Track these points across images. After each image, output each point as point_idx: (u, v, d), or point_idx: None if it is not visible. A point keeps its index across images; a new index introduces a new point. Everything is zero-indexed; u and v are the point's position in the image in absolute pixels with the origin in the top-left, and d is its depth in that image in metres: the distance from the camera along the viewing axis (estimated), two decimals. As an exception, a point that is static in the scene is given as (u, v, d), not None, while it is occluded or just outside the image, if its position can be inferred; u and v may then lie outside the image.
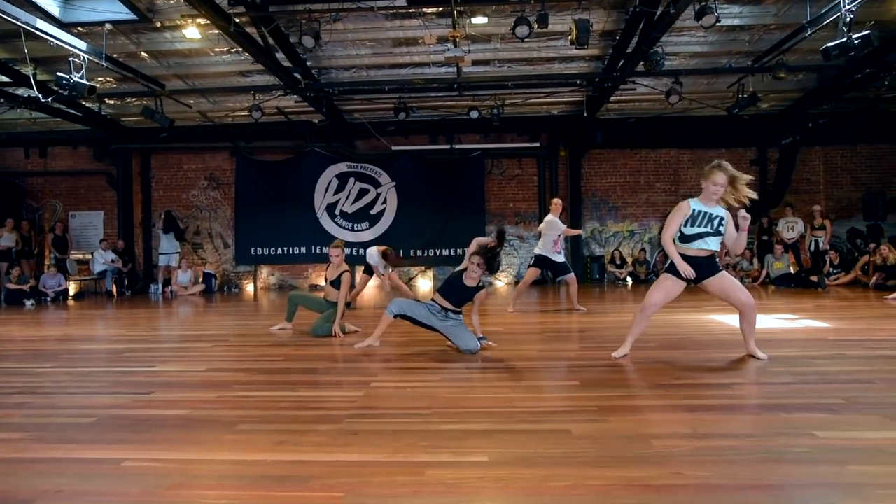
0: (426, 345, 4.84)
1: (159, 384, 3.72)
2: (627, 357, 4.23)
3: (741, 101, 9.59)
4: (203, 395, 3.42)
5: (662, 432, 2.58)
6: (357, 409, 3.06)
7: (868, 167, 13.05)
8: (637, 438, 2.49)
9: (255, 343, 5.39)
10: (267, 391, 3.52)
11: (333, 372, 4.03)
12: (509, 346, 4.87)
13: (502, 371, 3.94)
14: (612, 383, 3.52)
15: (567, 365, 4.11)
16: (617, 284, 12.24)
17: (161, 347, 5.24)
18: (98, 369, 4.25)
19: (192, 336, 5.98)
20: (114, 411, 3.10)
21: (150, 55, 9.33)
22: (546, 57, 9.72)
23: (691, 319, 6.25)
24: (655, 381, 3.51)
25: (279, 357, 4.63)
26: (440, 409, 3.01)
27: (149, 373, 4.10)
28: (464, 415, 2.92)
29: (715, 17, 6.27)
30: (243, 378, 3.87)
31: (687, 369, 3.86)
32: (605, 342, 4.87)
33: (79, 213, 13.23)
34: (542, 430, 2.65)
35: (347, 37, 8.95)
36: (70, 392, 3.57)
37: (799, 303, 7.99)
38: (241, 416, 2.96)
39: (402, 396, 3.32)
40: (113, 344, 5.56)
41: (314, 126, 12.56)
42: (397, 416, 2.93)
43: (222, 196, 13.33)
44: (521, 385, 3.57)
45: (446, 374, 3.94)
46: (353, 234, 12.69)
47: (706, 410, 2.90)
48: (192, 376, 3.97)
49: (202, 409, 3.11)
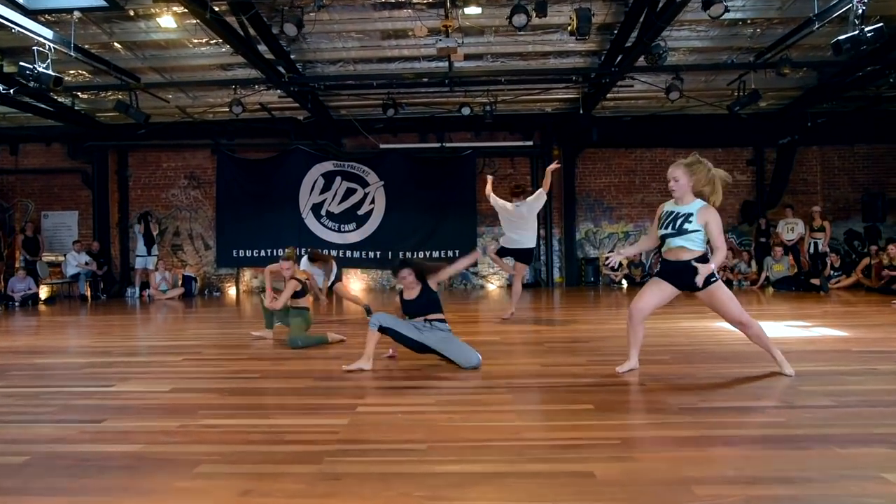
0: (417, 358, 4.41)
1: (114, 409, 3.25)
2: (636, 372, 3.85)
3: (742, 99, 9.26)
4: (162, 423, 2.96)
5: (704, 475, 2.17)
6: (340, 442, 2.62)
7: (865, 167, 12.83)
8: (676, 485, 2.08)
9: (230, 356, 4.93)
10: (237, 418, 3.07)
11: (314, 393, 3.58)
12: (507, 360, 4.46)
13: (504, 391, 3.52)
14: (630, 407, 3.12)
15: (575, 383, 3.70)
16: (612, 287, 11.89)
17: (126, 361, 4.74)
18: (48, 389, 3.77)
19: (163, 348, 5.49)
20: (53, 447, 2.63)
21: (123, 46, 8.81)
22: (541, 51, 9.33)
23: (699, 327, 5.87)
24: (679, 404, 3.11)
25: (255, 374, 4.17)
26: (437, 443, 2.58)
27: (105, 394, 3.63)
28: (465, 451, 2.49)
29: (724, 7, 5.90)
30: (212, 401, 3.41)
31: (709, 388, 3.47)
32: (611, 355, 4.47)
33: (52, 213, 12.62)
34: (559, 472, 2.23)
35: (333, 28, 8.49)
36: (6, 420, 3.09)
37: (804, 308, 7.67)
38: (203, 454, 2.50)
39: (392, 425, 2.88)
40: (73, 357, 5.07)
41: (299, 123, 12.08)
42: (387, 452, 2.50)
43: (203, 195, 12.80)
44: (528, 410, 3.16)
45: (442, 394, 3.52)
46: (339, 235, 12.22)
47: (747, 444, 2.51)
48: (153, 399, 3.50)
49: (158, 444, 2.65)
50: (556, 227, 12.72)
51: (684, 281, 3.63)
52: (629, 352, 3.93)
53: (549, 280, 12.57)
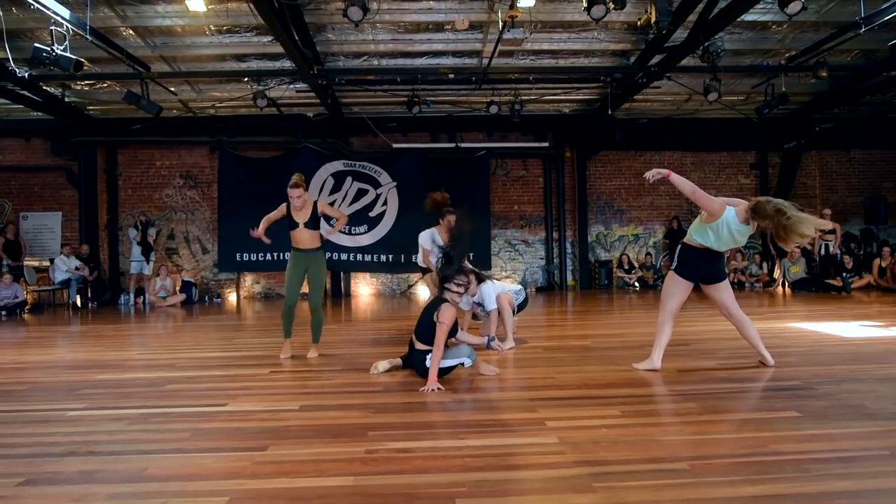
0: (507, 370, 4.07)
1: (264, 434, 2.78)
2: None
3: (771, 102, 9.35)
4: (345, 449, 2.52)
5: None
6: (583, 464, 2.27)
7: (861, 172, 13.24)
8: None
9: (318, 366, 4.45)
10: (420, 440, 2.64)
11: (478, 408, 3.19)
12: (626, 366, 4.15)
13: (680, 399, 3.22)
14: (834, 412, 2.88)
15: (738, 389, 3.46)
16: (626, 290, 11.83)
17: (207, 377, 4.20)
18: (152, 411, 3.24)
19: (232, 359, 4.92)
20: (245, 483, 2.18)
21: (135, 32, 8.12)
22: (572, 49, 9.15)
23: (778, 328, 5.77)
24: (882, 409, 2.90)
25: (375, 387, 3.74)
26: (694, 461, 2.27)
27: (229, 415, 3.13)
28: (732, 469, 2.19)
29: (801, 4, 5.83)
30: (367, 421, 2.97)
31: (886, 389, 3.29)
32: (731, 358, 4.29)
33: (31, 215, 11.60)
34: (863, 490, 1.96)
35: (368, 18, 8.05)
36: (143, 451, 2.58)
37: (848, 307, 7.72)
38: (444, 485, 2.11)
39: (616, 443, 2.53)
40: (140, 372, 4.47)
41: (306, 120, 11.53)
42: (649, 474, 2.17)
43: (200, 196, 12.04)
44: (739, 420, 2.87)
45: (616, 405, 3.18)
46: (350, 237, 11.70)
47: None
48: (294, 419, 3.03)
49: (373, 476, 2.23)
50: (570, 230, 12.58)
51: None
52: (654, 350, 4.04)
53: (563, 283, 12.40)
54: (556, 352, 4.87)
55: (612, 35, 8.70)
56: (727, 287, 4.04)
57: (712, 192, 13.62)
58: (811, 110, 11.44)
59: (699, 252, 3.95)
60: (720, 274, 4.00)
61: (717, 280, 4.00)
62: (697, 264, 3.96)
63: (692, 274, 4.00)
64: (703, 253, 3.94)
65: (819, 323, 6.19)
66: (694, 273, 3.99)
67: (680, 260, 4.05)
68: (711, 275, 3.99)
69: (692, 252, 3.98)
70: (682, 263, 4.02)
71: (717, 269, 3.99)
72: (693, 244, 3.97)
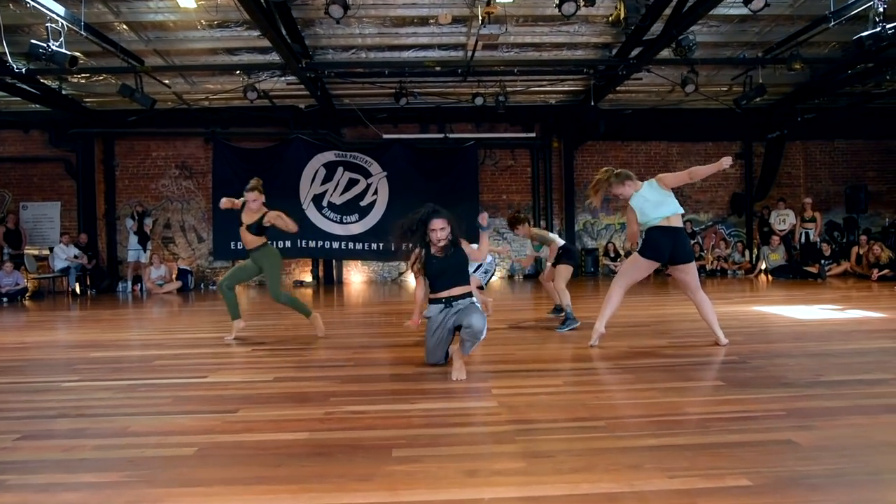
0: (494, 345, 4.36)
1: (237, 400, 3.10)
2: (732, 349, 3.97)
3: (749, 93, 9.59)
4: (306, 412, 2.85)
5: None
6: (513, 423, 2.58)
7: (844, 162, 13.47)
8: (887, 446, 2.15)
9: (297, 346, 4.76)
10: (379, 404, 2.96)
11: (431, 378, 3.50)
12: (587, 343, 4.45)
13: (620, 372, 3.53)
14: (759, 382, 3.18)
15: (682, 363, 3.76)
16: (611, 277, 12.10)
17: (194, 353, 4.53)
18: (141, 382, 3.56)
19: (219, 339, 5.26)
20: (214, 437, 2.50)
21: (129, 27, 8.37)
22: (555, 42, 9.38)
23: (741, 311, 6.07)
24: (802, 379, 3.20)
25: (346, 362, 4.05)
26: (613, 420, 2.57)
27: (210, 385, 3.46)
28: (646, 426, 2.49)
29: (764, 1, 6.07)
30: (334, 388, 3.29)
31: (812, 364, 3.59)
32: (687, 336, 4.60)
33: (31, 205, 11.91)
34: (757, 441, 2.27)
35: (355, 13, 8.30)
36: (129, 413, 2.90)
37: (819, 293, 8.01)
38: (383, 439, 2.43)
39: (549, 405, 2.85)
40: (132, 350, 4.79)
41: (298, 112, 11.79)
42: (571, 430, 2.47)
43: (196, 186, 12.33)
44: (667, 388, 3.18)
45: (562, 376, 3.49)
46: (341, 226, 12.01)
47: (911, 412, 2.61)
48: (267, 388, 3.36)
49: (325, 432, 2.55)
50: (557, 219, 12.86)
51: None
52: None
53: (550, 271, 12.68)
54: (523, 332, 5.18)
55: (594, 28, 8.93)
56: (693, 269, 4.23)
57: (698, 181, 13.84)
58: (793, 101, 11.66)
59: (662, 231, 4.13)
60: (688, 256, 4.20)
61: (685, 261, 4.19)
62: (662, 244, 4.12)
63: (656, 255, 4.18)
64: (667, 231, 4.12)
65: (783, 307, 6.49)
66: (657, 254, 4.17)
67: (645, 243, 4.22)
68: (677, 256, 4.16)
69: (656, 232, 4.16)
70: (646, 245, 4.20)
71: (683, 251, 4.17)
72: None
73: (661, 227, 4.15)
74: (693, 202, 13.00)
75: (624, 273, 4.37)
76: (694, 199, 13.04)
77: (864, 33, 6.81)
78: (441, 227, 3.64)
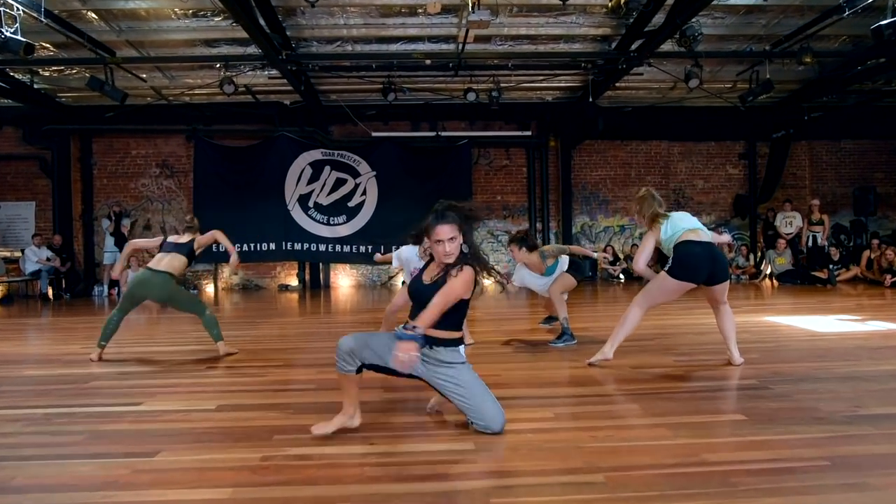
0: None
1: (163, 437, 2.58)
2: (735, 370, 3.59)
3: (755, 89, 9.09)
4: (239, 455, 2.32)
5: None
6: (490, 475, 2.07)
7: (851, 162, 12.98)
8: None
9: (258, 362, 4.24)
10: (329, 445, 2.44)
11: (401, 410, 2.98)
12: (585, 361, 3.94)
13: (624, 400, 3.02)
14: (783, 416, 2.67)
15: (692, 388, 3.26)
16: (611, 282, 11.63)
17: (137, 372, 3.99)
18: (59, 410, 3.03)
19: (174, 353, 4.73)
20: (106, 496, 1.98)
21: (98, 16, 7.84)
22: (552, 34, 8.88)
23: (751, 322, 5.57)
24: (835, 411, 2.70)
25: (308, 384, 3.53)
26: (612, 473, 2.06)
27: (138, 415, 2.93)
28: (654, 482, 1.98)
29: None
30: (281, 423, 2.77)
31: (849, 390, 3.08)
32: (693, 354, 4.09)
33: (4, 204, 11.36)
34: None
35: (337, 1, 7.80)
36: (23, 457, 2.38)
37: (831, 300, 7.52)
38: (327, 499, 1.91)
39: (534, 449, 2.34)
40: (67, 368, 4.25)
41: (284, 108, 11.27)
42: (559, 487, 1.96)
43: (177, 185, 11.81)
44: (678, 423, 2.67)
45: (556, 406, 2.96)
46: (328, 228, 11.49)
47: None
48: (204, 421, 2.83)
49: (252, 487, 2.03)
50: (553, 221, 12.36)
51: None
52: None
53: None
54: (513, 347, 4.67)
55: (592, 19, 8.42)
56: (727, 284, 3.72)
57: (700, 182, 13.20)
58: (799, 99, 11.17)
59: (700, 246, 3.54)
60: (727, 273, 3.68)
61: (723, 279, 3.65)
62: (698, 262, 3.54)
63: (692, 275, 3.57)
64: (702, 245, 3.54)
65: (796, 317, 5.99)
66: (693, 273, 3.56)
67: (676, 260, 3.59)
68: (717, 274, 3.60)
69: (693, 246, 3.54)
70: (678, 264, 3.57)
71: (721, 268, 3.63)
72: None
73: (694, 240, 3.55)
74: (695, 204, 12.49)
75: (647, 293, 3.73)
76: (696, 202, 12.54)
77: (884, 21, 6.31)
78: (449, 236, 2.57)
